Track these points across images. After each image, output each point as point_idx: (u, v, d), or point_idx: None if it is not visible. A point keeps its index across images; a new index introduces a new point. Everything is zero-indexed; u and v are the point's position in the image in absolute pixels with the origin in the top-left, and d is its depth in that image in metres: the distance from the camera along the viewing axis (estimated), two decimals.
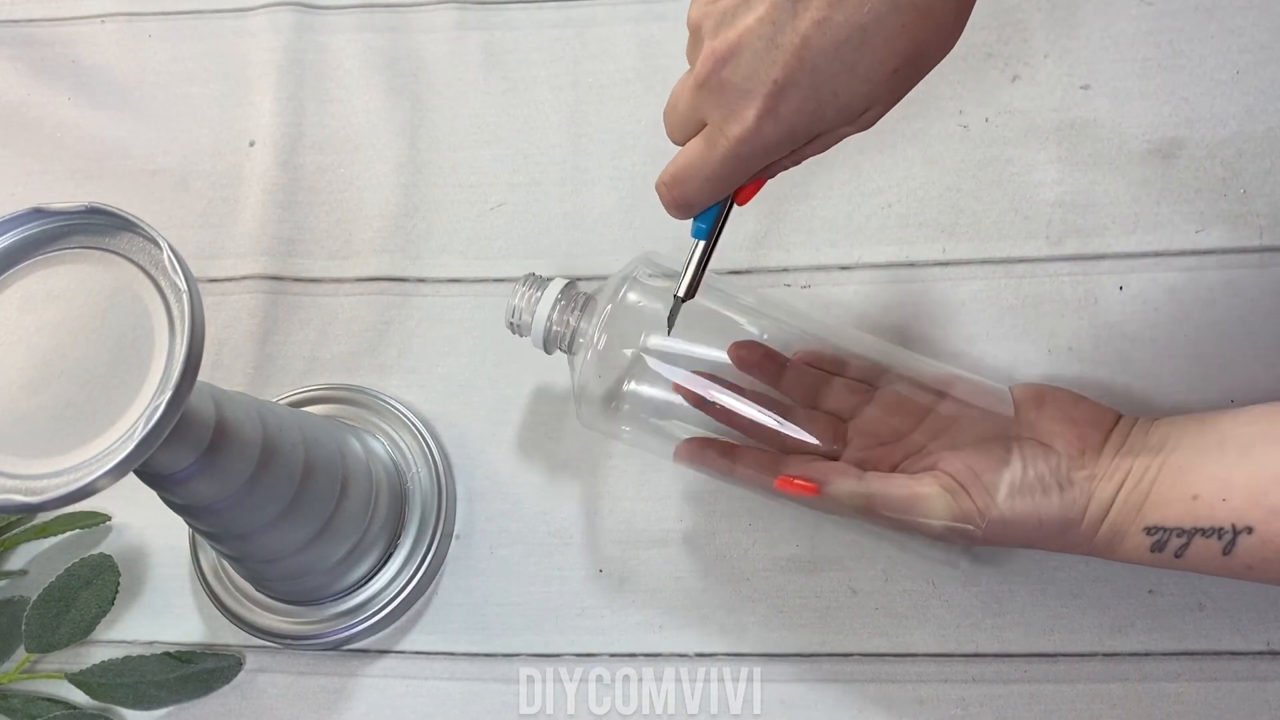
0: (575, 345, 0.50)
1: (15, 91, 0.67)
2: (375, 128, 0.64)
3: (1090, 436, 0.45)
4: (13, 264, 0.38)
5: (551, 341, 0.50)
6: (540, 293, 0.50)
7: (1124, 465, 0.44)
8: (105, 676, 0.52)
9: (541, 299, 0.50)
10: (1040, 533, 0.44)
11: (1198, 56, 0.59)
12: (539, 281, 0.51)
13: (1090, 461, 0.44)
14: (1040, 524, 0.44)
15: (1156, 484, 0.43)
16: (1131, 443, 0.44)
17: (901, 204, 0.58)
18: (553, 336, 0.50)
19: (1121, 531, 0.44)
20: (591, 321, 0.49)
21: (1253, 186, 0.56)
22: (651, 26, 0.64)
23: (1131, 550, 0.44)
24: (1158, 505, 0.43)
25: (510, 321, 0.51)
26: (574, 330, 0.50)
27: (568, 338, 0.50)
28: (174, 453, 0.40)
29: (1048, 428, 0.45)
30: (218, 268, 0.61)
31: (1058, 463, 0.44)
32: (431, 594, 0.55)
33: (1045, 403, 0.46)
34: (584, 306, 0.50)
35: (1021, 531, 0.44)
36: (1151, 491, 0.43)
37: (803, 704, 0.51)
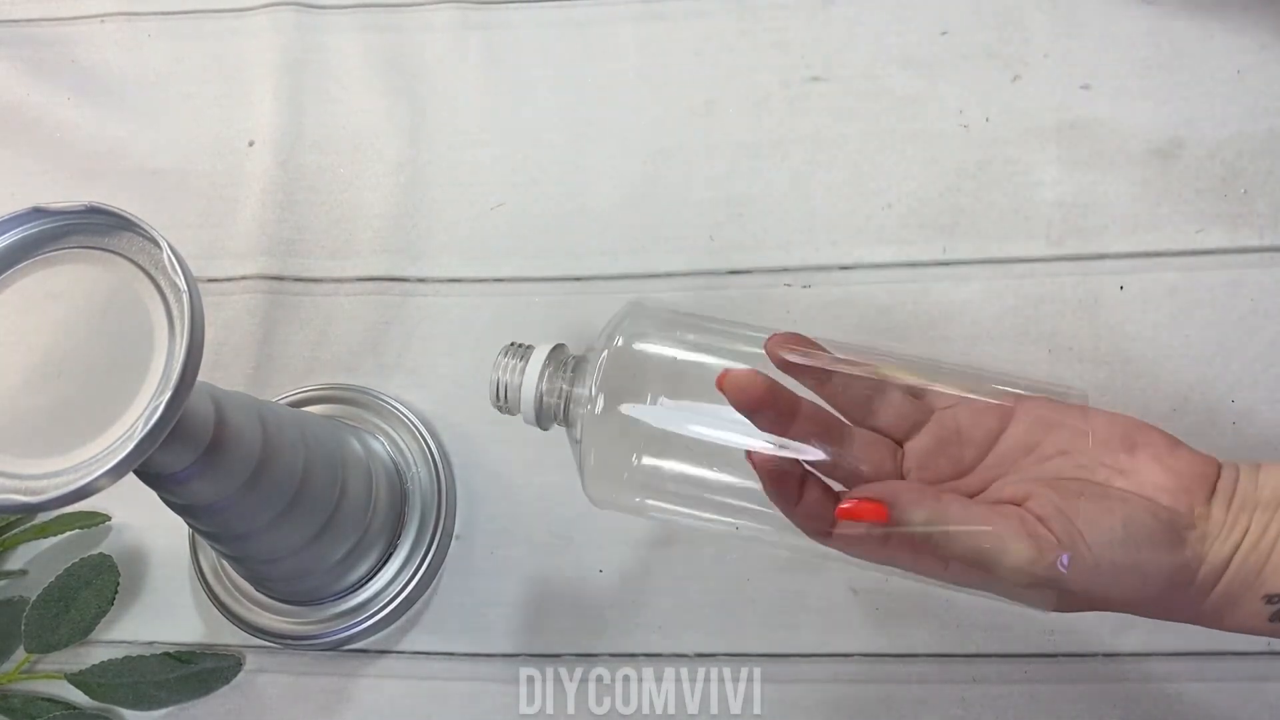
0: (572, 414, 0.44)
1: (15, 91, 0.67)
2: (375, 128, 0.64)
3: (1196, 490, 0.38)
4: (12, 264, 0.38)
5: (545, 416, 0.45)
6: (524, 362, 0.45)
7: (1239, 523, 0.37)
8: (105, 677, 0.52)
9: (527, 369, 0.44)
10: (1141, 593, 0.37)
11: (1198, 56, 0.59)
12: (521, 350, 0.45)
13: (1201, 520, 0.37)
14: (1144, 582, 0.37)
15: (1279, 545, 0.37)
16: (1242, 496, 0.38)
17: (901, 204, 0.58)
18: (546, 409, 0.44)
19: (1236, 599, 0.37)
20: (585, 383, 0.44)
21: (1253, 186, 0.56)
22: (651, 26, 0.64)
23: (1246, 619, 0.37)
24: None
25: (496, 403, 0.45)
26: (568, 397, 0.44)
27: (562, 407, 0.44)
28: (174, 453, 0.40)
29: (1146, 476, 0.38)
30: (218, 268, 0.61)
31: (1168, 518, 0.37)
32: (431, 594, 0.55)
33: (1138, 447, 0.39)
34: (576, 369, 0.44)
35: (1119, 590, 0.37)
36: (1273, 554, 0.37)
37: (803, 704, 0.51)
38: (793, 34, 0.63)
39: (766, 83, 0.62)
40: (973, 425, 0.40)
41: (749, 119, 0.61)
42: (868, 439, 0.41)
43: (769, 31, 0.63)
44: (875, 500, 0.38)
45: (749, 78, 0.62)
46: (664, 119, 0.62)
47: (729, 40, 0.63)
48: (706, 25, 0.64)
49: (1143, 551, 0.36)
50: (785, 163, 0.60)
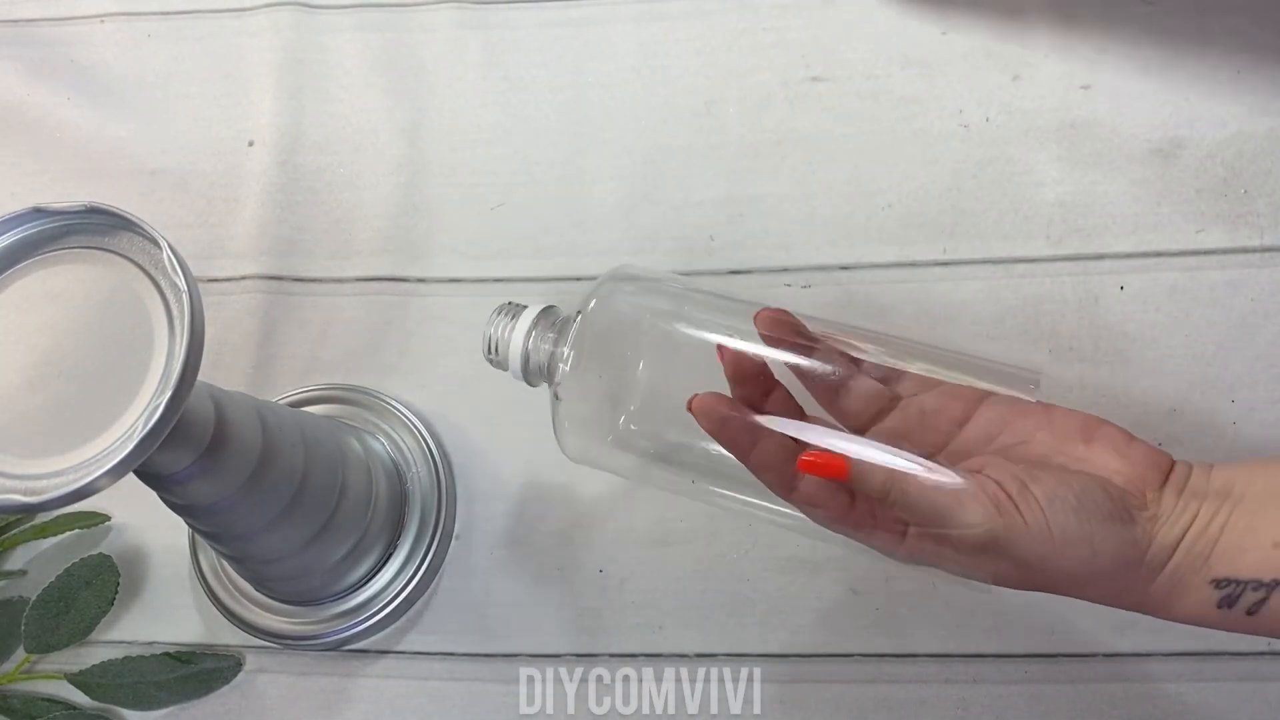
0: (555, 372, 0.46)
1: (14, 91, 0.67)
2: (375, 128, 0.63)
3: (1149, 476, 0.39)
4: (12, 264, 0.38)
5: (532, 372, 0.46)
6: (515, 320, 0.46)
7: (1189, 508, 0.38)
8: (105, 677, 0.52)
9: (516, 326, 0.46)
10: (1091, 565, 0.37)
11: (1198, 56, 0.59)
12: (514, 309, 0.47)
13: (1152, 503, 0.38)
14: (1094, 555, 0.37)
15: (1227, 530, 0.37)
16: (1194, 485, 0.39)
17: (901, 204, 0.58)
18: (532, 367, 0.46)
19: (1183, 583, 0.38)
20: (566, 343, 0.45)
21: (1253, 186, 0.56)
22: (651, 26, 0.64)
23: (1193, 606, 0.38)
24: (1229, 554, 0.37)
25: (487, 356, 0.47)
26: (553, 356, 0.46)
27: (547, 366, 0.46)
28: (174, 453, 0.40)
29: (1101, 463, 0.39)
30: (217, 268, 0.61)
31: (1120, 495, 0.38)
32: (431, 594, 0.55)
33: (1095, 438, 0.40)
34: (561, 329, 0.46)
35: (1069, 561, 0.37)
36: (1221, 538, 0.37)
37: (803, 704, 0.51)
38: (793, 34, 0.63)
39: (766, 83, 0.62)
40: (937, 413, 0.42)
41: (749, 119, 0.61)
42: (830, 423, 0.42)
43: (769, 31, 0.63)
44: (835, 454, 0.38)
45: (749, 78, 0.62)
46: (664, 119, 0.62)
47: (729, 40, 0.63)
48: (706, 25, 0.64)
49: (1094, 522, 0.37)
50: (785, 163, 0.60)
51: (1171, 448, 0.52)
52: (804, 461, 0.39)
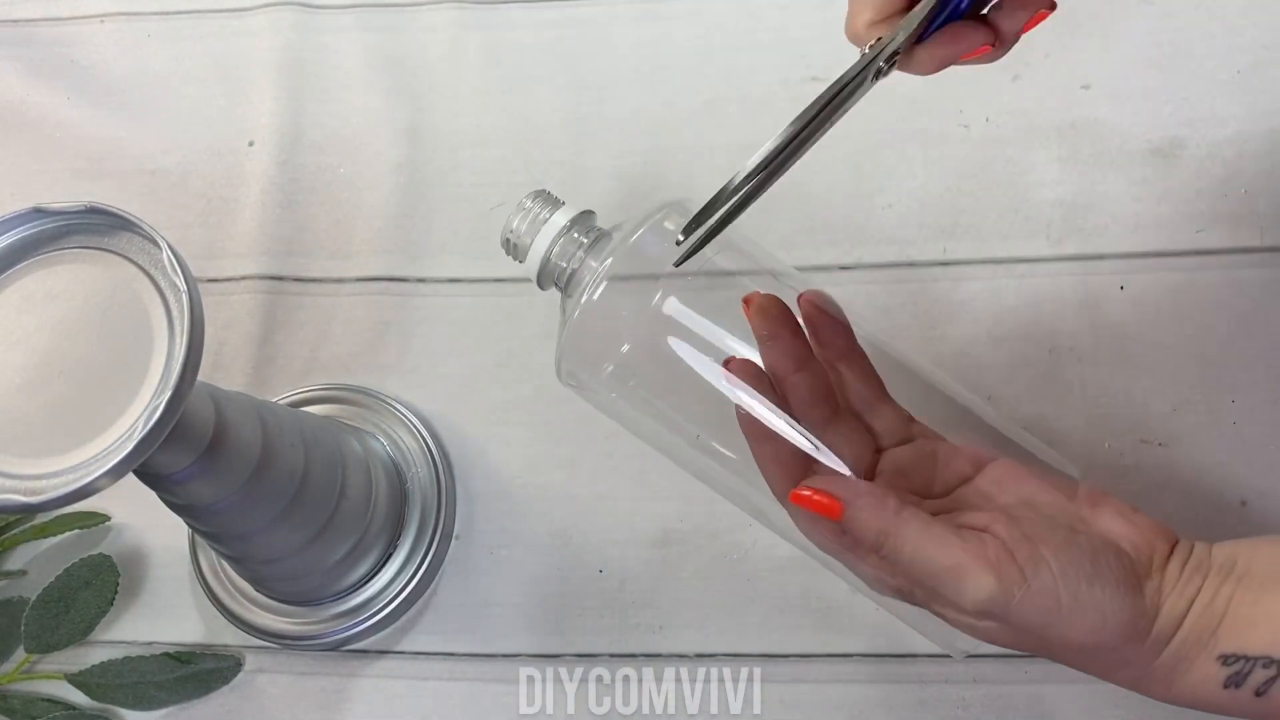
0: (573, 286, 0.43)
1: (14, 91, 0.67)
2: (375, 128, 0.63)
3: (1156, 545, 0.37)
4: (12, 264, 0.38)
5: (547, 276, 0.44)
6: (549, 213, 0.43)
7: (1193, 581, 0.36)
8: (105, 677, 0.52)
9: (550, 220, 0.43)
10: (1099, 636, 0.35)
11: (1199, 56, 0.59)
12: (550, 201, 0.44)
13: (1158, 571, 0.37)
14: (1104, 625, 0.35)
15: (1233, 604, 0.35)
16: (1197, 559, 0.37)
17: (901, 204, 0.58)
18: (549, 270, 0.43)
19: (1188, 659, 0.36)
20: (597, 260, 0.42)
21: (1254, 186, 0.56)
22: (651, 26, 0.64)
23: (1198, 684, 0.36)
24: (1237, 628, 0.35)
25: (506, 239, 0.44)
26: (576, 269, 0.43)
27: (567, 275, 0.43)
28: (173, 453, 0.40)
29: (1109, 526, 0.38)
30: (217, 268, 0.61)
31: (1130, 562, 0.36)
32: (431, 594, 0.55)
33: (1101, 504, 0.39)
34: (595, 242, 0.43)
35: (1077, 630, 0.35)
36: (1228, 613, 0.35)
37: (803, 704, 0.51)
38: (793, 34, 0.63)
39: (766, 83, 0.62)
40: (949, 458, 0.41)
41: (749, 119, 0.61)
42: (855, 427, 0.41)
43: (769, 31, 0.63)
44: (832, 497, 0.37)
45: (749, 78, 0.62)
46: (664, 119, 0.62)
47: (729, 40, 0.63)
48: (706, 25, 0.64)
49: (1107, 590, 0.35)
50: None
51: (1171, 447, 0.53)
52: (796, 496, 0.37)
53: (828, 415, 0.40)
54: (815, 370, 0.41)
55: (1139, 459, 0.52)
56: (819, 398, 0.40)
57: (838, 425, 0.40)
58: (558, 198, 0.45)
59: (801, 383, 0.40)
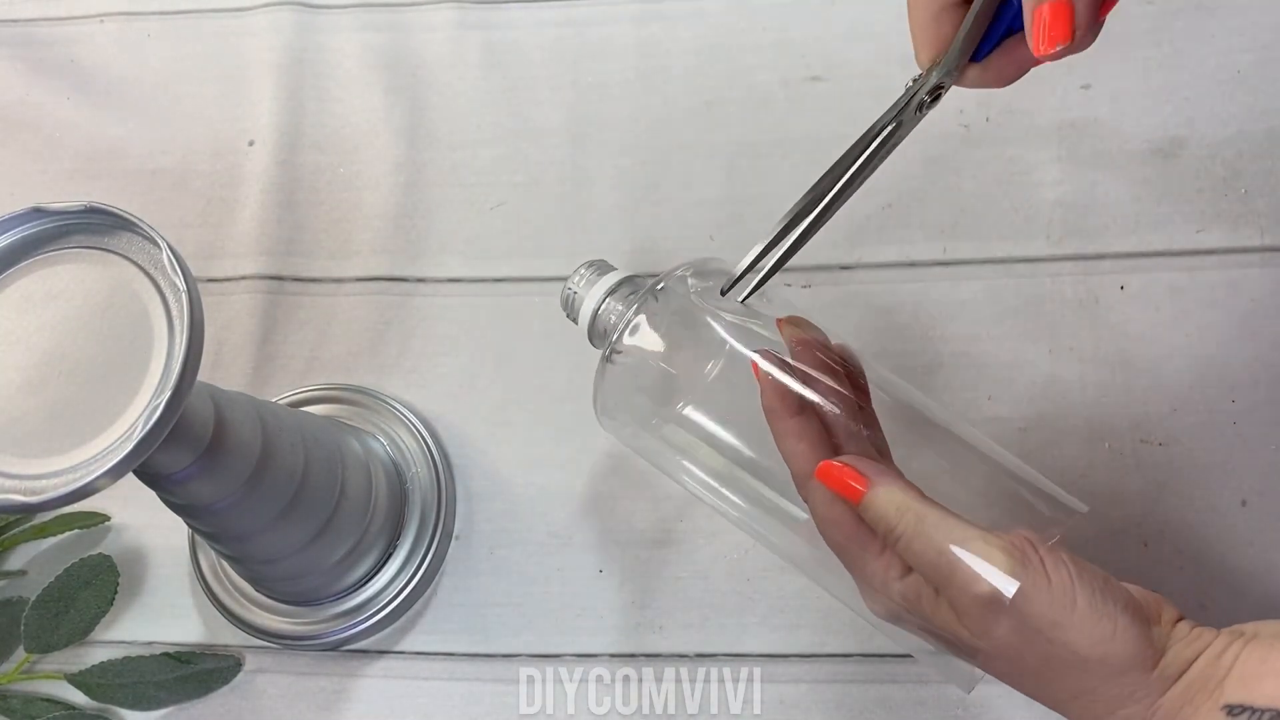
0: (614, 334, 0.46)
1: (14, 91, 0.67)
2: (375, 127, 0.63)
3: (1164, 606, 0.37)
4: (12, 264, 0.38)
5: (598, 333, 0.47)
6: (600, 277, 0.47)
7: (1203, 637, 0.36)
8: (104, 677, 0.52)
9: (598, 283, 0.47)
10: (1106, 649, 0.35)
11: (1199, 56, 0.59)
12: (601, 266, 0.48)
13: (1167, 623, 0.36)
14: (1113, 634, 0.35)
15: (1242, 659, 0.35)
16: (1203, 627, 0.37)
17: (901, 204, 0.58)
18: (599, 327, 0.47)
19: (1194, 705, 0.35)
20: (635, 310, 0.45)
21: (1254, 186, 0.56)
22: (651, 26, 0.64)
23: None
24: (1245, 680, 0.34)
25: (563, 305, 0.49)
26: (620, 316, 0.46)
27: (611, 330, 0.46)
28: (173, 453, 0.40)
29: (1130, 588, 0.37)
30: (217, 267, 0.61)
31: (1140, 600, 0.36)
32: (431, 594, 0.54)
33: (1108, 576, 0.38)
34: (637, 297, 0.46)
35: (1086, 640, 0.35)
36: (1236, 665, 0.35)
37: (803, 704, 0.51)
38: (793, 34, 0.63)
39: (766, 83, 0.62)
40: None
41: (749, 119, 0.61)
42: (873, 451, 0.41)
43: (769, 31, 0.63)
44: (857, 474, 0.37)
45: (749, 78, 0.62)
46: (664, 119, 0.62)
47: (729, 40, 0.63)
48: (706, 25, 0.64)
49: (1119, 606, 0.35)
50: (785, 163, 0.60)
51: (1171, 447, 0.53)
52: (827, 467, 0.38)
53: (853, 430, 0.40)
54: (843, 384, 0.41)
55: (1139, 459, 0.52)
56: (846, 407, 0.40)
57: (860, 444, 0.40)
58: (610, 265, 0.48)
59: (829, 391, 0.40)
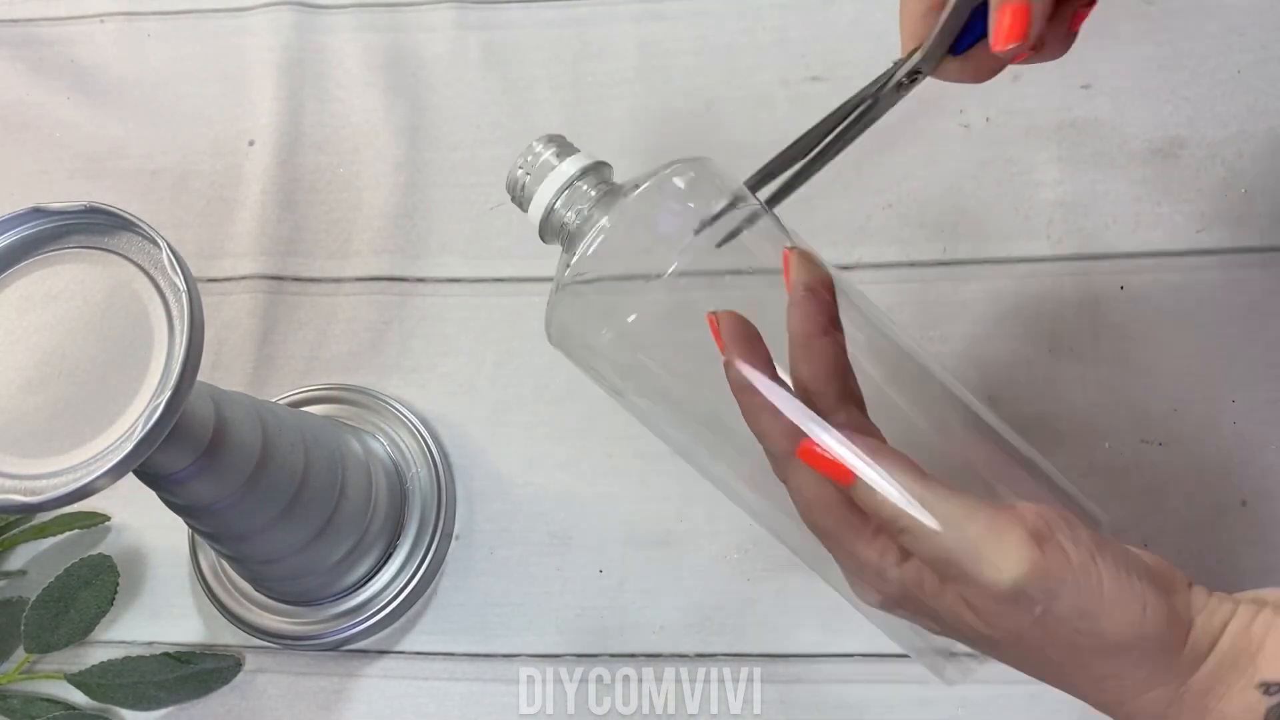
0: (573, 242, 0.40)
1: (14, 91, 0.67)
2: (375, 127, 0.63)
3: (1178, 573, 0.34)
4: (12, 264, 0.38)
5: (551, 229, 0.41)
6: (558, 160, 0.40)
7: (1225, 605, 0.33)
8: (104, 677, 0.52)
9: (556, 170, 0.40)
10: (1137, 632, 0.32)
11: (1199, 56, 0.59)
12: (562, 146, 0.41)
13: (1183, 590, 0.33)
14: (1143, 616, 0.31)
15: (1274, 631, 0.32)
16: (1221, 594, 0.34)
17: (902, 204, 0.58)
18: (553, 223, 0.40)
19: (1225, 683, 0.32)
20: (604, 217, 0.39)
21: (1254, 186, 0.56)
22: (651, 26, 0.64)
23: (1236, 712, 0.32)
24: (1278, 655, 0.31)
25: (509, 188, 0.41)
26: (587, 221, 0.39)
27: (572, 230, 0.40)
28: (173, 453, 0.40)
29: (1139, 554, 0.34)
30: (217, 267, 0.61)
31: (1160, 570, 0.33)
32: (431, 594, 0.54)
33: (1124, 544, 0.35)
34: (605, 196, 0.40)
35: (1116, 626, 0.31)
36: (1268, 639, 0.32)
37: (803, 704, 0.51)
38: (793, 34, 0.63)
39: (766, 82, 0.62)
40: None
41: (749, 119, 0.61)
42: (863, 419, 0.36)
43: (769, 31, 0.63)
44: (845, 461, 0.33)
45: (749, 78, 0.62)
46: (664, 119, 0.62)
47: (729, 40, 0.63)
48: (706, 25, 0.63)
49: (1145, 583, 0.32)
50: None
51: (1171, 447, 0.53)
52: (808, 449, 0.33)
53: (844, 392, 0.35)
54: (840, 340, 0.36)
55: (1139, 459, 0.52)
56: (842, 369, 0.35)
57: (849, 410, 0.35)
58: (572, 144, 0.42)
59: (827, 348, 0.35)
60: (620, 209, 0.39)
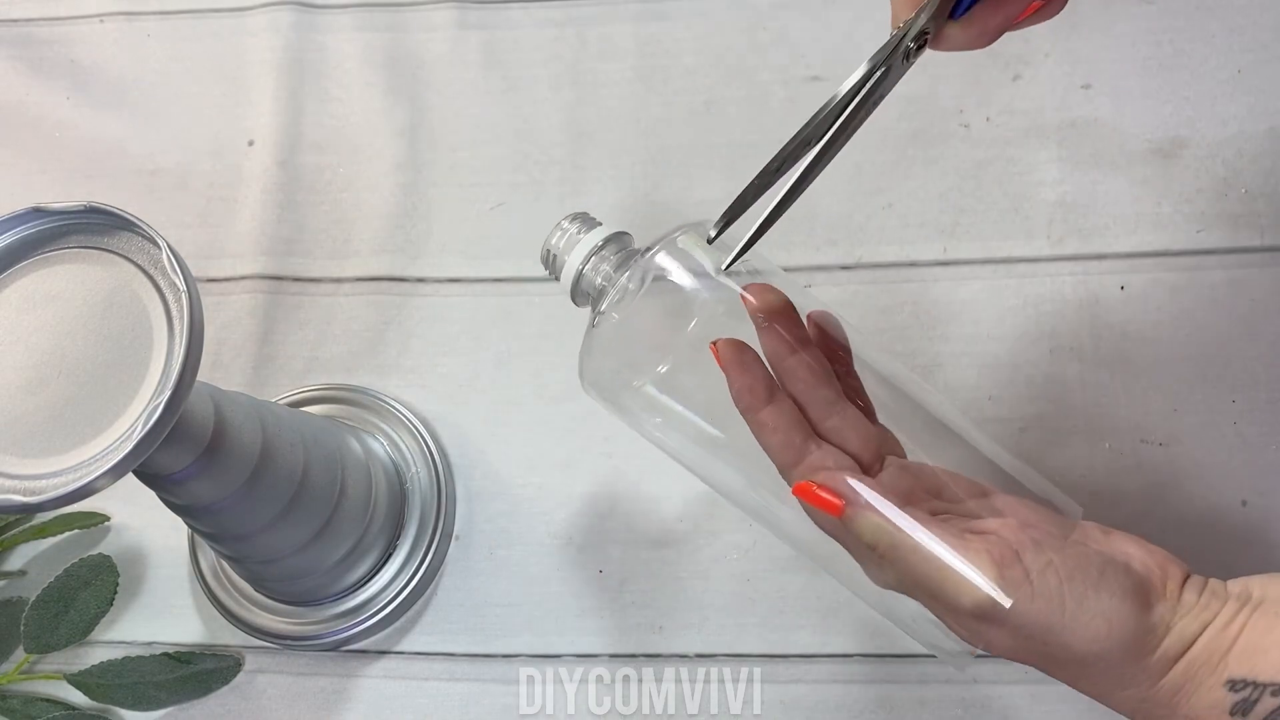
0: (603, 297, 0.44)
1: (14, 91, 0.67)
2: (375, 127, 0.63)
3: (1171, 570, 0.36)
4: (12, 263, 0.38)
5: (581, 292, 0.45)
6: (584, 234, 0.45)
7: (1209, 606, 0.35)
8: (104, 677, 0.52)
9: (582, 240, 0.45)
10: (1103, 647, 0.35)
11: (1199, 56, 0.59)
12: (586, 221, 0.46)
13: (1172, 595, 0.36)
14: (1107, 632, 0.34)
15: (1247, 630, 0.34)
16: (1213, 588, 0.36)
17: (902, 204, 0.58)
18: (583, 286, 0.45)
19: (1195, 681, 0.35)
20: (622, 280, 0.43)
21: (1254, 186, 0.56)
22: (651, 26, 0.64)
23: (1204, 710, 0.34)
24: (1248, 654, 0.34)
25: (543, 259, 0.46)
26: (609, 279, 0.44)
27: (597, 289, 0.44)
28: (173, 453, 0.40)
29: (1122, 549, 0.37)
30: (217, 267, 0.61)
31: (1141, 579, 0.35)
32: (431, 595, 0.54)
33: (1113, 533, 0.38)
34: (627, 260, 0.44)
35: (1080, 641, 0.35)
36: (1240, 638, 0.34)
37: (803, 704, 0.51)
38: (793, 34, 0.62)
39: (766, 82, 0.62)
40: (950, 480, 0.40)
41: (749, 119, 0.61)
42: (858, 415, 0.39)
43: (769, 31, 0.63)
44: (834, 493, 0.37)
45: (749, 78, 0.62)
46: (664, 119, 0.62)
47: (729, 40, 0.63)
48: (706, 25, 0.63)
49: (1115, 599, 0.34)
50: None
51: (1171, 447, 0.53)
52: (802, 489, 0.37)
53: (831, 398, 0.39)
54: (814, 354, 0.40)
55: (1139, 459, 0.52)
56: (820, 379, 0.39)
57: (842, 410, 0.39)
58: (594, 219, 0.46)
59: (800, 365, 0.39)
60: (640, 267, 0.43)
